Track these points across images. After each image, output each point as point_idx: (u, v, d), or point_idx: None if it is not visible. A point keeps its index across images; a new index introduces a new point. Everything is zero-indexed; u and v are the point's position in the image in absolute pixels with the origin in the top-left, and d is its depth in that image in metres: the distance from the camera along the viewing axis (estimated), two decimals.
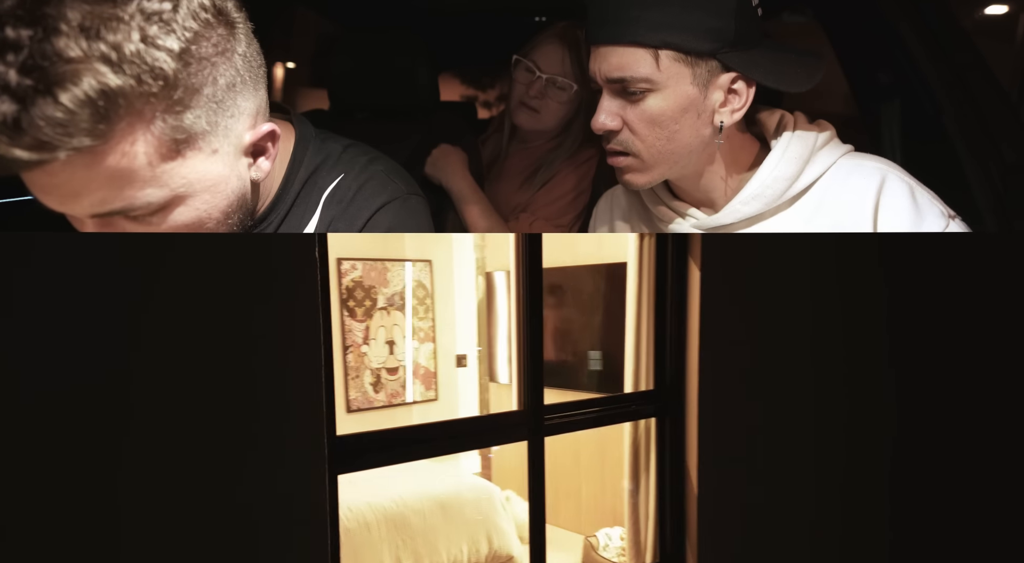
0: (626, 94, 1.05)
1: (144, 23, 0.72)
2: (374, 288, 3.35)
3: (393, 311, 3.42)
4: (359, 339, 3.32)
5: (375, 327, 3.36)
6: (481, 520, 2.59)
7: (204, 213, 0.87)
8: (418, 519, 2.55)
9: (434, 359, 3.55)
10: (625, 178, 1.12)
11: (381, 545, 2.44)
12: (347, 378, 3.31)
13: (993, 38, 2.92)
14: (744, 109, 1.07)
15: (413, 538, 2.53)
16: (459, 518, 2.58)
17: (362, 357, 3.34)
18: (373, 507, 2.50)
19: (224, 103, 0.82)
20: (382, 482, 2.66)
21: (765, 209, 1.11)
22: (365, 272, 3.32)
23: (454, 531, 2.56)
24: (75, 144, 0.70)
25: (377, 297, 3.36)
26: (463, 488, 2.68)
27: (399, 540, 2.49)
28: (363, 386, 3.34)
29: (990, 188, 1.35)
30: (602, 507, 2.71)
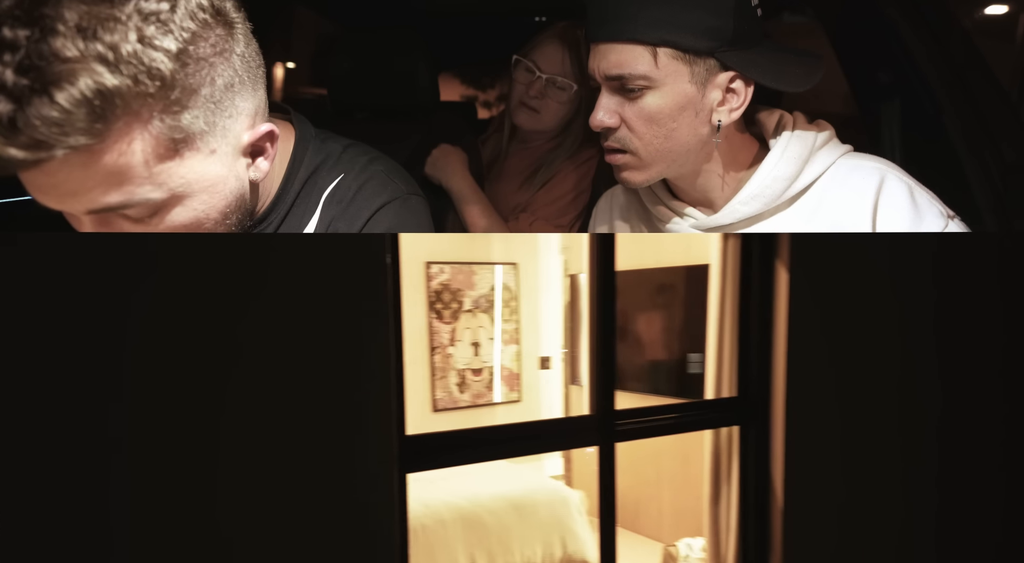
0: (624, 92, 1.05)
1: (141, 23, 0.72)
2: (461, 291, 3.43)
3: (479, 313, 3.49)
4: (445, 341, 3.40)
5: (461, 329, 3.44)
6: (555, 523, 2.60)
7: (202, 213, 0.87)
8: (492, 519, 2.56)
9: (518, 361, 3.61)
10: (622, 176, 1.12)
11: (456, 543, 2.47)
12: (433, 379, 3.40)
13: (993, 38, 2.92)
14: (742, 108, 1.07)
15: (487, 537, 2.54)
16: (533, 520, 2.59)
17: (448, 358, 3.42)
18: (449, 505, 2.53)
19: (222, 103, 0.82)
20: (458, 481, 2.71)
21: (764, 209, 1.11)
22: (453, 275, 3.40)
23: (528, 532, 2.57)
24: (71, 143, 0.71)
25: (464, 300, 3.43)
26: (538, 490, 2.68)
27: (474, 538, 2.51)
28: (449, 387, 3.42)
29: (990, 188, 1.35)
30: (684, 516, 2.70)
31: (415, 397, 3.40)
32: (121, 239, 0.85)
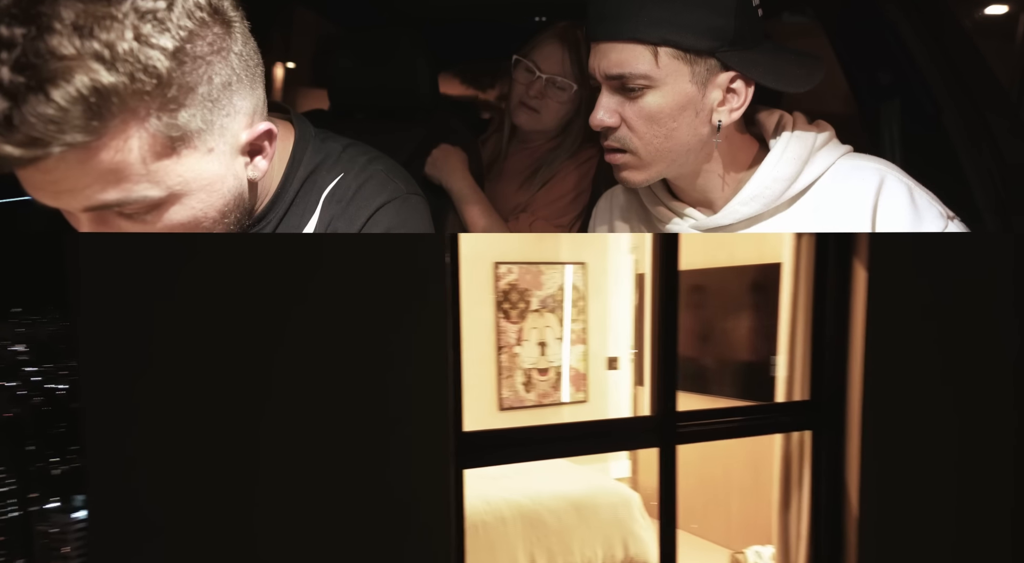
0: (624, 91, 1.05)
1: (138, 21, 0.72)
2: (528, 290, 3.46)
3: (546, 313, 3.51)
4: (512, 340, 3.43)
5: (528, 329, 3.47)
6: (617, 525, 2.58)
7: (200, 212, 0.87)
8: (552, 518, 2.56)
9: (585, 361, 3.61)
10: (622, 175, 1.12)
11: (515, 541, 2.48)
12: (500, 377, 3.44)
13: (993, 38, 2.92)
14: (743, 108, 1.07)
15: (547, 536, 2.54)
16: (594, 521, 2.58)
17: (514, 358, 3.44)
18: (509, 503, 2.54)
19: (220, 102, 0.82)
20: (520, 479, 2.71)
21: (764, 210, 1.11)
22: (520, 275, 3.43)
23: (588, 533, 2.56)
24: (68, 140, 0.71)
25: (531, 299, 3.46)
26: (599, 491, 2.66)
27: (534, 537, 2.52)
28: (515, 386, 3.46)
29: (990, 188, 1.35)
30: (755, 523, 2.65)
31: (482, 395, 3.43)
32: (263, 241, 0.86)
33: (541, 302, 3.48)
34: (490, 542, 2.46)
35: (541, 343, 3.50)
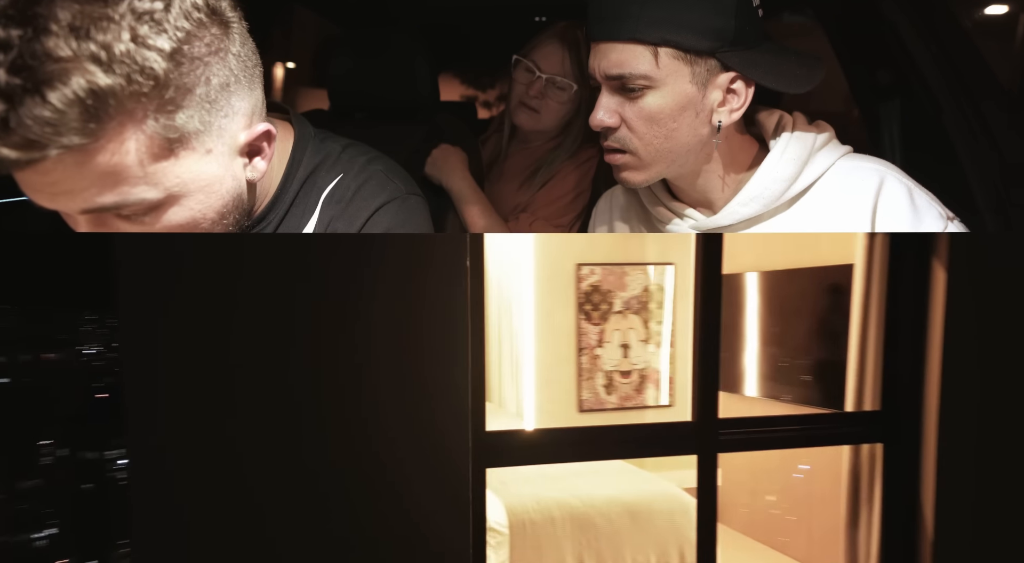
0: (624, 91, 1.05)
1: (135, 23, 0.72)
2: (612, 292, 3.46)
3: (629, 315, 3.50)
4: (593, 342, 3.44)
5: (610, 330, 3.47)
6: (673, 532, 2.55)
7: (199, 213, 0.87)
8: (604, 521, 2.54)
9: (672, 364, 3.57)
10: (622, 175, 1.12)
11: (564, 541, 2.48)
12: (580, 379, 3.45)
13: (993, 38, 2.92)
14: (743, 109, 1.07)
15: (597, 539, 2.52)
16: (648, 526, 2.56)
17: (596, 360, 3.45)
18: (561, 503, 2.54)
19: (218, 103, 0.82)
20: (574, 480, 2.71)
21: (764, 210, 1.11)
22: (603, 276, 3.44)
23: (642, 538, 2.54)
24: (65, 142, 0.71)
25: (614, 301, 3.46)
26: (657, 497, 2.63)
27: (583, 539, 2.51)
28: (595, 387, 3.47)
29: (990, 188, 1.35)
30: (825, 538, 2.56)
31: (561, 397, 3.45)
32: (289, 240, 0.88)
33: (624, 303, 3.48)
34: (537, 541, 2.47)
35: (624, 345, 3.49)
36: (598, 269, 3.42)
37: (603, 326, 3.45)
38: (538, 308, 3.56)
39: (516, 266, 3.57)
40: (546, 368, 3.52)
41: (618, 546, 2.52)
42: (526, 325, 3.54)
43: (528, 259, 3.58)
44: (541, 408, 3.50)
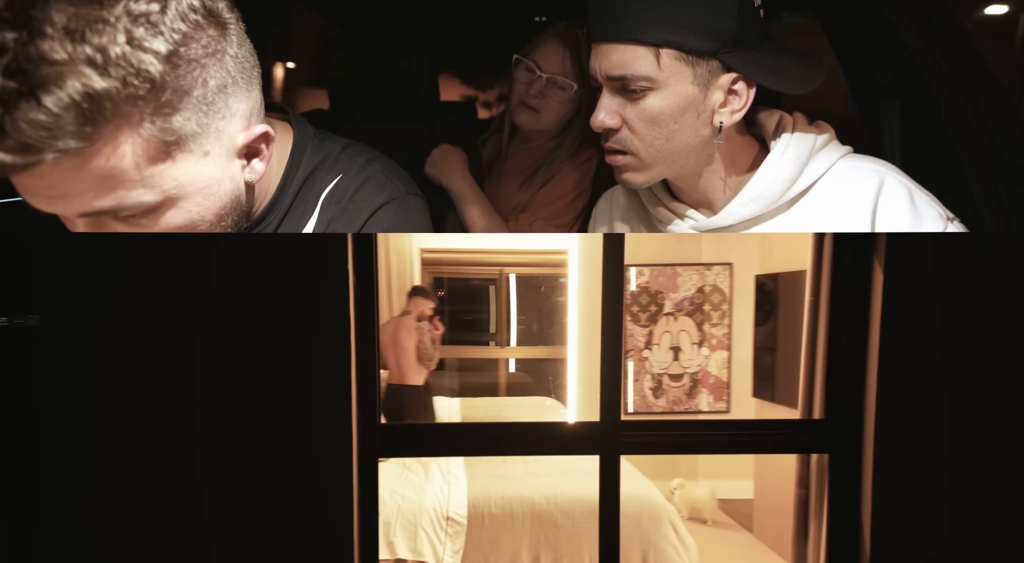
0: (626, 92, 1.05)
1: (130, 25, 0.71)
2: (661, 293, 3.37)
3: (681, 316, 3.40)
4: (641, 344, 3.36)
5: (659, 332, 3.38)
6: (639, 537, 2.54)
7: (197, 215, 0.87)
8: (566, 520, 2.55)
9: (727, 368, 3.43)
10: (623, 176, 1.12)
11: (522, 535, 2.50)
12: (625, 382, 3.35)
13: (993, 38, 2.91)
14: (744, 110, 1.07)
15: (557, 536, 2.54)
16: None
17: (643, 362, 3.37)
18: (523, 499, 2.56)
19: (215, 105, 0.82)
20: (547, 480, 2.74)
21: (764, 211, 1.10)
22: (653, 277, 3.36)
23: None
24: (60, 146, 0.70)
25: (664, 302, 3.37)
26: (626, 500, 2.60)
27: (542, 535, 2.53)
28: (643, 391, 3.38)
29: (990, 188, 1.35)
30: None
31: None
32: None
33: (676, 305, 3.37)
34: (494, 534, 2.49)
35: (675, 348, 3.39)
36: (647, 270, 3.34)
37: (651, 328, 3.35)
38: (581, 309, 3.54)
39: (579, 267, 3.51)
40: (588, 369, 3.46)
41: (577, 545, 2.53)
42: (571, 326, 3.50)
43: (573, 259, 3.54)
44: (583, 411, 3.45)
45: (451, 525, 2.60)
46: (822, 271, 1.17)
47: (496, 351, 4.50)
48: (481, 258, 5.07)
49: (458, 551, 2.59)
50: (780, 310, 2.96)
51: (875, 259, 1.07)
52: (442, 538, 2.62)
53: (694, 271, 3.40)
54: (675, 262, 3.37)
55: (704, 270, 3.41)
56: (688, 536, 2.60)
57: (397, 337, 3.86)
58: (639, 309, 3.34)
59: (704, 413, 3.42)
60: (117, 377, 0.96)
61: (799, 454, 1.19)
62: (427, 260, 5.38)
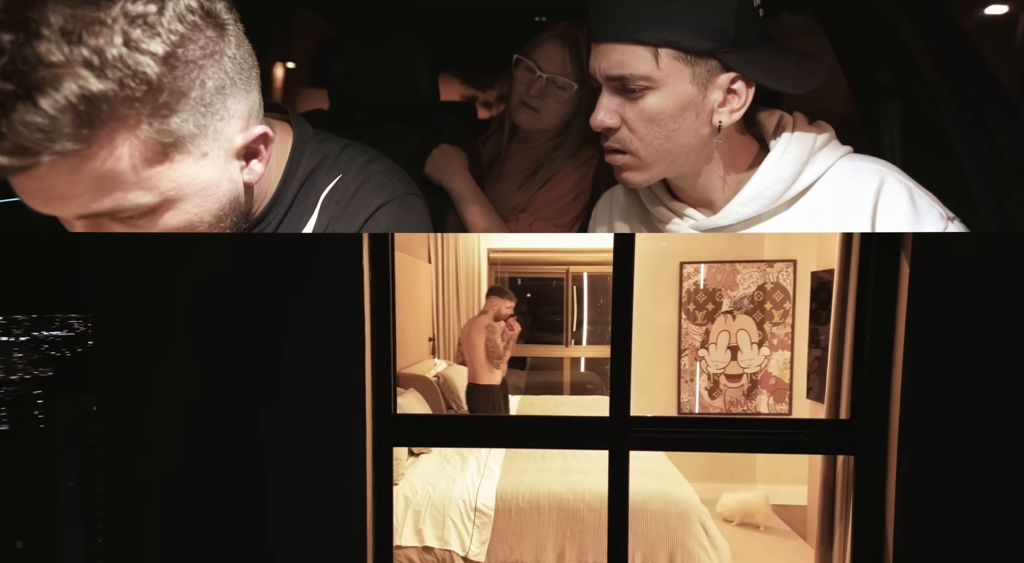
0: (625, 92, 1.05)
1: (128, 27, 0.71)
2: (719, 291, 3.33)
3: (740, 315, 3.36)
4: (697, 343, 3.33)
5: (716, 331, 3.35)
6: (667, 535, 2.56)
7: (195, 216, 0.86)
8: (592, 516, 2.58)
9: (789, 370, 3.37)
10: (623, 176, 1.12)
11: (547, 529, 2.54)
12: (680, 381, 3.33)
13: (993, 38, 2.91)
14: (743, 109, 1.07)
15: (582, 532, 2.57)
16: (640, 526, 2.57)
17: (698, 361, 3.35)
18: (551, 494, 2.60)
19: (213, 106, 0.82)
20: (578, 476, 2.76)
21: (764, 210, 1.10)
22: (710, 275, 3.33)
23: (629, 538, 2.56)
24: (58, 149, 0.70)
25: (722, 300, 3.34)
26: (655, 498, 2.63)
27: (568, 530, 2.56)
28: (698, 390, 3.36)
29: (990, 188, 1.34)
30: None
31: (659, 399, 3.34)
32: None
33: (734, 303, 3.33)
34: (520, 526, 2.54)
35: (732, 347, 3.34)
36: (703, 266, 3.30)
37: (708, 326, 3.32)
38: (637, 307, 3.48)
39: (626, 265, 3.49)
40: (644, 369, 3.42)
41: (603, 541, 2.51)
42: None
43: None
44: (637, 410, 3.44)
45: (479, 516, 2.64)
46: (850, 269, 1.15)
47: (561, 350, 4.48)
48: (548, 258, 5.08)
49: (485, 542, 2.63)
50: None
51: (902, 256, 1.05)
52: (469, 528, 2.66)
53: (755, 268, 3.33)
54: (736, 259, 3.31)
55: (766, 267, 3.34)
56: (721, 538, 2.60)
57: (471, 336, 3.93)
58: (695, 307, 3.30)
59: (763, 415, 3.34)
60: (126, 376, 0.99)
61: (824, 455, 1.17)
62: (494, 260, 5.42)
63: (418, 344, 4.88)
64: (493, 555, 2.62)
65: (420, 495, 2.74)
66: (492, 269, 5.46)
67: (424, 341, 5.18)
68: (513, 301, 3.95)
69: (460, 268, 5.36)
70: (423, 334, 5.14)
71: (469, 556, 2.62)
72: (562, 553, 2.57)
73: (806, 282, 3.26)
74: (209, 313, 0.98)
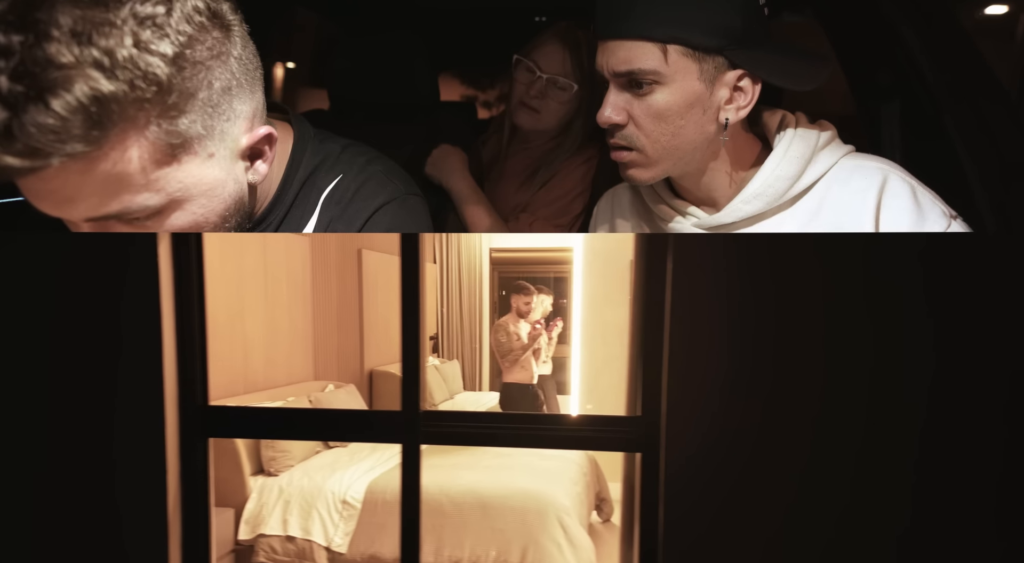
0: (632, 88, 1.06)
1: (137, 28, 0.71)
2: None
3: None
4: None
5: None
6: (522, 531, 2.58)
7: (201, 217, 0.87)
8: (454, 510, 2.61)
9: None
10: (628, 173, 1.12)
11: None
12: (631, 380, 3.35)
13: (993, 38, 2.92)
14: (749, 106, 1.07)
15: (442, 527, 2.59)
16: (497, 521, 2.60)
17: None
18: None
19: (220, 107, 0.82)
20: (454, 471, 2.81)
21: (767, 208, 1.11)
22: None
23: (487, 532, 2.59)
24: (68, 150, 0.70)
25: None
26: (515, 494, 2.66)
27: (428, 524, 2.58)
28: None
29: (990, 188, 1.35)
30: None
31: (608, 397, 3.40)
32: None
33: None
34: (384, 519, 2.58)
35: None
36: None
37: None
38: (588, 305, 3.50)
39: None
40: (595, 368, 3.47)
41: (460, 535, 2.58)
42: (575, 324, 3.50)
43: (578, 257, 3.50)
44: (584, 409, 3.50)
45: (346, 508, 2.70)
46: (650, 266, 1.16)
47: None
48: (549, 257, 5.11)
49: (349, 534, 2.67)
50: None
51: (668, 255, 1.04)
52: (336, 520, 2.71)
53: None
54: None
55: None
56: (583, 538, 2.62)
57: (491, 335, 3.96)
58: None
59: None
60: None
61: (625, 452, 1.17)
62: (496, 259, 5.44)
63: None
64: (355, 547, 2.66)
65: (294, 486, 2.80)
66: (494, 269, 5.48)
67: (423, 340, 5.22)
68: (531, 296, 3.95)
69: (463, 268, 5.40)
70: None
71: (332, 547, 2.68)
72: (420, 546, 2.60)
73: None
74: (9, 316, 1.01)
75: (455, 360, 5.40)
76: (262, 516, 2.77)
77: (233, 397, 3.28)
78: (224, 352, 3.27)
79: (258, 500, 2.81)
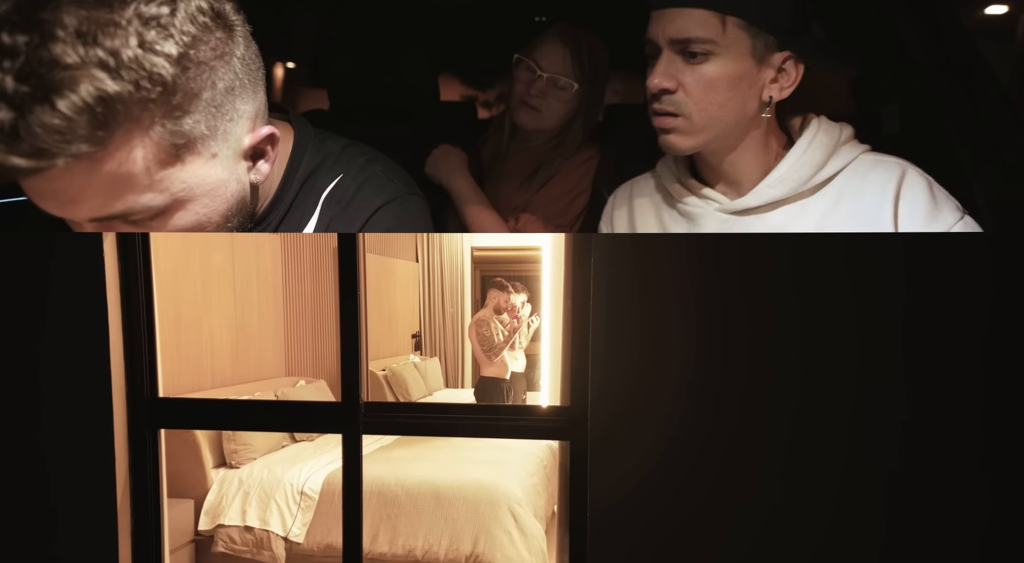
0: (686, 55, 1.08)
1: (142, 28, 0.71)
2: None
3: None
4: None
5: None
6: (473, 521, 2.65)
7: (204, 217, 0.87)
8: (409, 501, 2.69)
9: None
10: (668, 139, 1.14)
11: (365, 513, 2.64)
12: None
13: (993, 38, 2.92)
14: (793, 87, 1.10)
15: (398, 516, 2.67)
16: (450, 512, 2.67)
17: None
18: (375, 480, 2.69)
19: (223, 107, 0.82)
20: (415, 463, 2.89)
21: (791, 193, 1.13)
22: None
23: (440, 522, 2.66)
24: (73, 151, 0.70)
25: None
26: (467, 485, 2.72)
27: (384, 514, 2.67)
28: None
29: (990, 188, 1.35)
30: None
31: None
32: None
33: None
34: (336, 512, 2.61)
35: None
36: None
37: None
38: (554, 297, 3.52)
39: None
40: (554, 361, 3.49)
41: (415, 525, 2.67)
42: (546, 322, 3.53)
43: (546, 256, 3.50)
44: (553, 397, 3.53)
45: (304, 499, 2.78)
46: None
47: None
48: (531, 255, 5.15)
49: (306, 524, 2.75)
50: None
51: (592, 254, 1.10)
52: (294, 511, 2.78)
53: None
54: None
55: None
56: (535, 526, 2.68)
57: (471, 331, 4.07)
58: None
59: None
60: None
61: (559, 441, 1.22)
62: (478, 258, 5.47)
63: (395, 340, 5.03)
64: (312, 537, 2.73)
65: (254, 478, 2.87)
66: (476, 267, 5.50)
67: (405, 337, 5.29)
68: (509, 293, 4.01)
69: (445, 266, 5.44)
70: (402, 331, 5.25)
71: (289, 537, 2.74)
72: (376, 536, 2.68)
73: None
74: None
75: (436, 358, 5.46)
76: (222, 507, 2.83)
77: (199, 391, 3.32)
78: (191, 348, 3.31)
79: (218, 491, 2.87)
